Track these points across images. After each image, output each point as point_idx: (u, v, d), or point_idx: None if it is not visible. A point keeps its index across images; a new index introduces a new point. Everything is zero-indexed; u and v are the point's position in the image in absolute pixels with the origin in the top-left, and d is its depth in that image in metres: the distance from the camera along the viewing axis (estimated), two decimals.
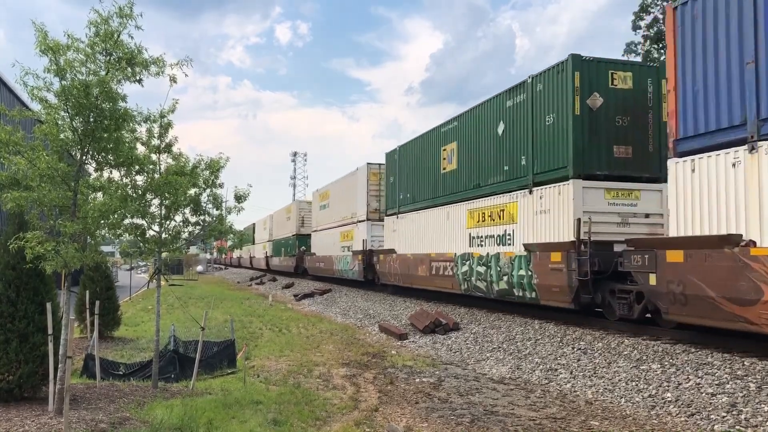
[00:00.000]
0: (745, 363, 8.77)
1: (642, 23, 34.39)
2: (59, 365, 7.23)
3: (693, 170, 9.92)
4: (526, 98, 14.58)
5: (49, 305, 7.31)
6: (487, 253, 15.91)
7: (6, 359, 7.33)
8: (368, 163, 27.62)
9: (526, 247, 14.05)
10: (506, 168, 15.44)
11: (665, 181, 10.94)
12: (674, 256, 9.80)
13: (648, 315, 11.36)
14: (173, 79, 7.93)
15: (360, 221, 27.88)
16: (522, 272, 14.09)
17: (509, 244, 15.08)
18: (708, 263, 9.09)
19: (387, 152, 25.22)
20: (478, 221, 16.81)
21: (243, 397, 8.34)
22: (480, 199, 16.80)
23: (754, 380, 8.11)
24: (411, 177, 22.30)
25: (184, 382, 10.10)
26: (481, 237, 16.60)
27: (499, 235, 15.67)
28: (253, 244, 63.31)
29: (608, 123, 12.96)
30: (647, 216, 13.09)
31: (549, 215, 13.53)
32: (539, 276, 13.44)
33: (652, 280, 10.22)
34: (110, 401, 7.93)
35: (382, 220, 25.73)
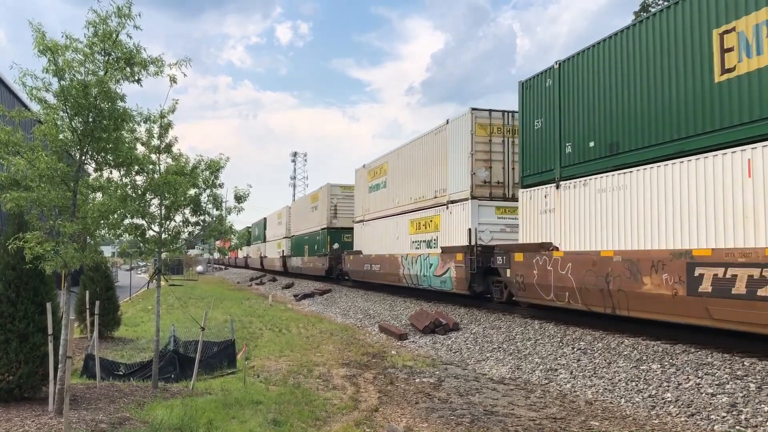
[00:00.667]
0: (745, 363, 8.77)
1: None
2: (59, 365, 7.22)
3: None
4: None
5: (49, 305, 7.30)
6: None
7: (6, 359, 7.33)
8: (473, 109, 17.61)
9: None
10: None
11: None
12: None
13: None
14: (173, 80, 7.93)
15: (456, 202, 18.29)
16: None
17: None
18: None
19: (525, 80, 15.04)
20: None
21: (243, 397, 8.34)
22: None
23: (754, 380, 8.11)
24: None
25: (184, 382, 10.10)
26: None
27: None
28: (264, 241, 56.59)
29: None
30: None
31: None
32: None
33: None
34: (110, 401, 7.92)
35: (502, 198, 17.61)
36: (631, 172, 11.27)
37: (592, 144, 12.43)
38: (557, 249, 13.27)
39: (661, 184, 10.52)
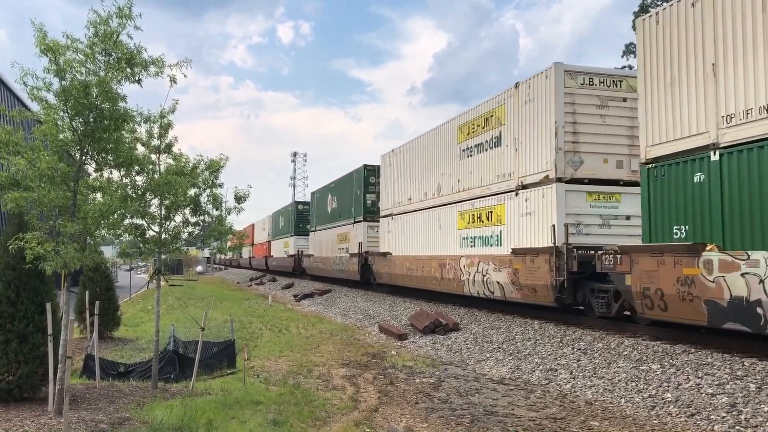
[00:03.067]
0: (745, 363, 8.77)
1: None
2: (59, 365, 7.22)
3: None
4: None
5: (48, 305, 7.31)
6: None
7: (6, 359, 7.33)
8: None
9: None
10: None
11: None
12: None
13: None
14: (173, 80, 7.94)
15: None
16: None
17: None
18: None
19: None
20: None
21: (243, 398, 8.34)
22: None
23: (754, 380, 8.11)
24: None
25: (183, 382, 10.10)
26: None
27: None
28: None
29: None
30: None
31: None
32: None
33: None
34: (110, 401, 7.92)
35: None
36: None
37: None
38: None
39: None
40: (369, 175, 27.97)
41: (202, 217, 9.61)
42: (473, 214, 17.33)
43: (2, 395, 7.37)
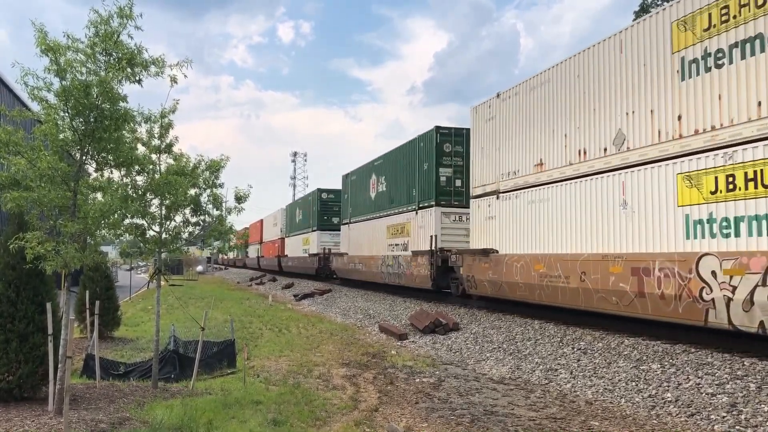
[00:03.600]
0: (745, 363, 8.77)
1: None
2: (59, 365, 7.22)
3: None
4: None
5: (49, 305, 7.31)
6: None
7: (6, 359, 7.33)
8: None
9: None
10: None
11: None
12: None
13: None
14: (173, 80, 7.94)
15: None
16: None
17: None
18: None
19: None
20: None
21: (243, 397, 8.34)
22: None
23: (754, 380, 8.11)
24: None
25: (184, 382, 10.10)
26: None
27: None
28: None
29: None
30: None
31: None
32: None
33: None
34: (110, 401, 7.93)
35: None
36: None
37: None
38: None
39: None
40: (443, 141, 19.88)
41: (202, 217, 9.61)
42: (728, 177, 9.24)
43: (2, 395, 7.37)
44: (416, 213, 21.34)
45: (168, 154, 9.11)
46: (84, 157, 7.53)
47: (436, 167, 19.99)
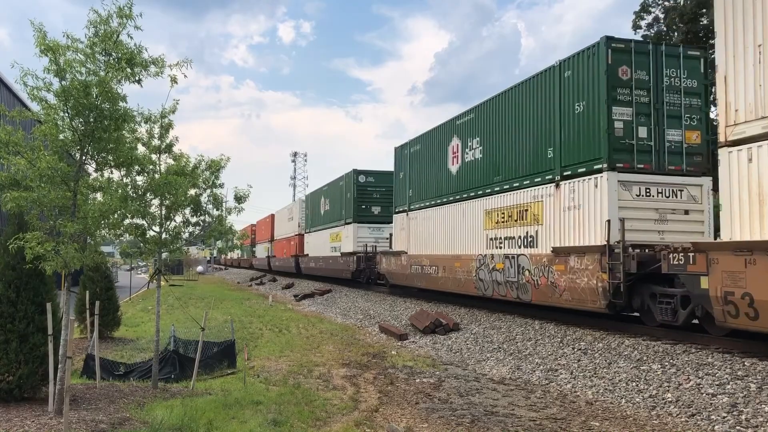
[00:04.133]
0: (746, 363, 8.77)
1: (642, 23, 34.28)
2: (59, 365, 7.22)
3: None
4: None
5: (49, 305, 7.30)
6: None
7: (6, 359, 7.32)
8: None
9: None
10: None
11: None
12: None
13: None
14: (173, 80, 7.93)
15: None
16: None
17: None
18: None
19: None
20: None
21: (243, 398, 8.34)
22: None
23: (755, 380, 8.10)
24: None
25: (184, 382, 10.10)
26: None
27: None
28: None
29: None
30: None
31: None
32: None
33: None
34: (110, 401, 7.92)
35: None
36: None
37: None
38: None
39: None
40: (619, 63, 12.48)
41: (202, 217, 9.61)
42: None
43: (2, 395, 7.37)
44: (556, 187, 13.73)
45: (168, 154, 9.11)
46: (84, 158, 7.52)
47: (608, 105, 12.28)
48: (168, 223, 9.14)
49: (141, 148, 8.72)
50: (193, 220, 9.58)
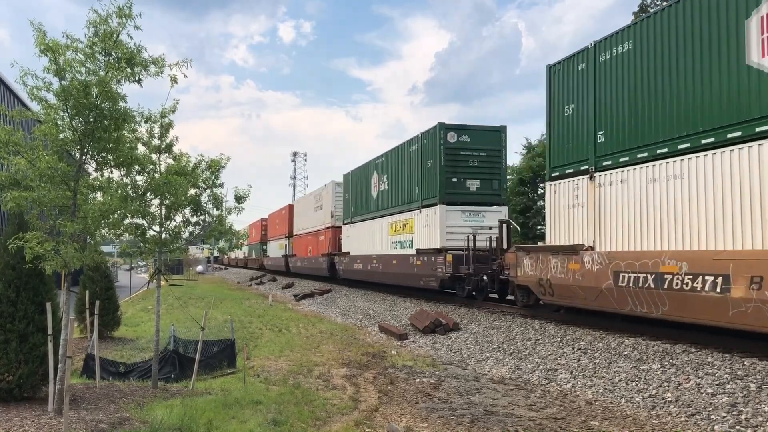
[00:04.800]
0: (746, 363, 8.77)
1: None
2: (59, 365, 7.22)
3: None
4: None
5: (49, 305, 7.30)
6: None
7: (6, 359, 7.32)
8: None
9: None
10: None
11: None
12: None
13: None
14: (173, 80, 7.93)
15: None
16: None
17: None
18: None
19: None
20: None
21: (243, 397, 8.34)
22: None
23: (755, 380, 8.11)
24: None
25: (184, 382, 10.11)
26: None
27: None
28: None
29: None
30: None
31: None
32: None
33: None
34: (110, 401, 7.92)
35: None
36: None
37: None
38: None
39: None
40: None
41: (202, 217, 9.61)
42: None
43: (2, 395, 7.36)
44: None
45: (168, 153, 9.11)
46: (84, 157, 7.52)
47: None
48: (168, 222, 9.14)
49: (141, 148, 8.72)
50: (193, 219, 9.59)
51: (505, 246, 17.17)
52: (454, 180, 19.38)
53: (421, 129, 23.28)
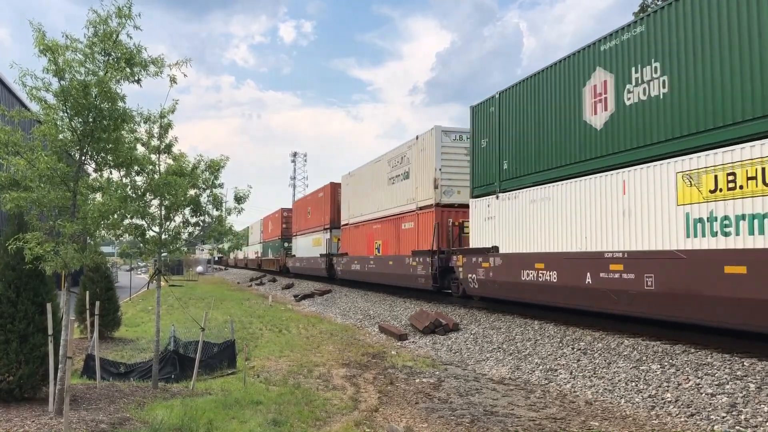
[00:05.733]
0: (745, 363, 8.77)
1: None
2: (59, 366, 7.22)
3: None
4: None
5: (49, 306, 7.30)
6: None
7: (6, 360, 7.32)
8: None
9: None
10: None
11: None
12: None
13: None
14: (173, 80, 7.94)
15: None
16: None
17: None
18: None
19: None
20: None
21: (243, 398, 8.34)
22: None
23: (754, 380, 8.11)
24: None
25: (184, 382, 10.11)
26: None
27: None
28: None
29: None
30: None
31: None
32: None
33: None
34: (110, 402, 7.93)
35: None
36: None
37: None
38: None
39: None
40: None
41: (202, 218, 9.61)
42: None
43: (3, 395, 7.37)
44: None
45: (167, 154, 9.10)
46: (83, 158, 7.53)
47: None
48: (168, 223, 9.15)
49: (140, 148, 8.72)
50: (193, 220, 9.59)
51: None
52: None
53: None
